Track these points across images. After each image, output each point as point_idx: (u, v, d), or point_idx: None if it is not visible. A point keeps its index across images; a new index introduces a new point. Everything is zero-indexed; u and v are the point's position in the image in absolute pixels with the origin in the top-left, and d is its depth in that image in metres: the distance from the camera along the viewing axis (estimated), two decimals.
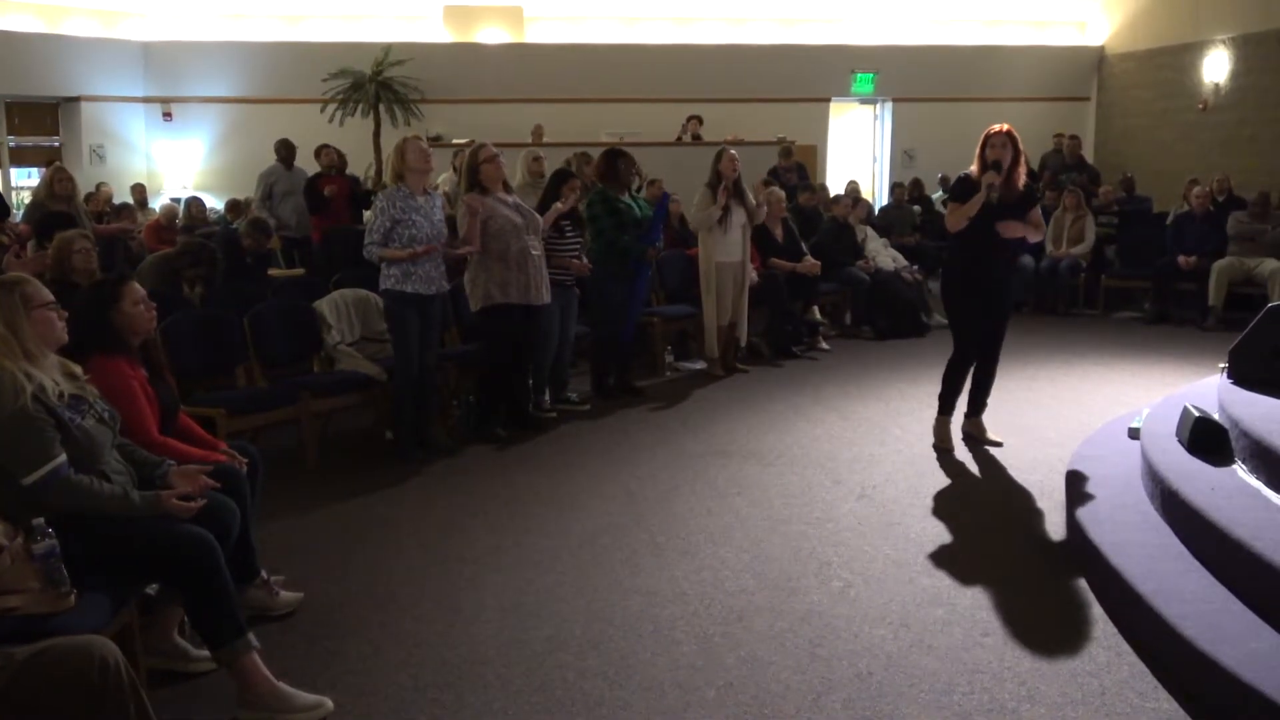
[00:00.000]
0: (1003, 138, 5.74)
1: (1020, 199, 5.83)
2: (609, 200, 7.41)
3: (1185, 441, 4.71)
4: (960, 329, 6.08)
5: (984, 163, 5.74)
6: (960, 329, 6.08)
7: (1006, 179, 5.73)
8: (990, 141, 5.76)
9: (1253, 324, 5.17)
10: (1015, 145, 5.77)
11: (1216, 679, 3.20)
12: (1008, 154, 5.73)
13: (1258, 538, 3.63)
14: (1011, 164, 5.75)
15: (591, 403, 7.43)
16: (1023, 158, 5.86)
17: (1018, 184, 5.82)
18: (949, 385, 6.14)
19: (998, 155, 5.72)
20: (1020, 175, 5.83)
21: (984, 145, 5.77)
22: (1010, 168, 5.74)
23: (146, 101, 14.64)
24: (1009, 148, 5.73)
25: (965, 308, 6.02)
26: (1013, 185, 5.78)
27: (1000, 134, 5.75)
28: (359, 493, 5.59)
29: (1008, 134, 5.75)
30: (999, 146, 5.72)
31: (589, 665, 3.66)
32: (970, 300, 5.97)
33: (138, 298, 3.90)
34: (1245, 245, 10.25)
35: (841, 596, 4.21)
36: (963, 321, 6.07)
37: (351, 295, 6.83)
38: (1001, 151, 5.72)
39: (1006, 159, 5.72)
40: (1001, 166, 5.70)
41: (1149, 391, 7.18)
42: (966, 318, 6.04)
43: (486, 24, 15.17)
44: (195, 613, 3.36)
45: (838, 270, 10.04)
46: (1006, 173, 5.72)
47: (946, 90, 15.70)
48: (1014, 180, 5.79)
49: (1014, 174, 5.78)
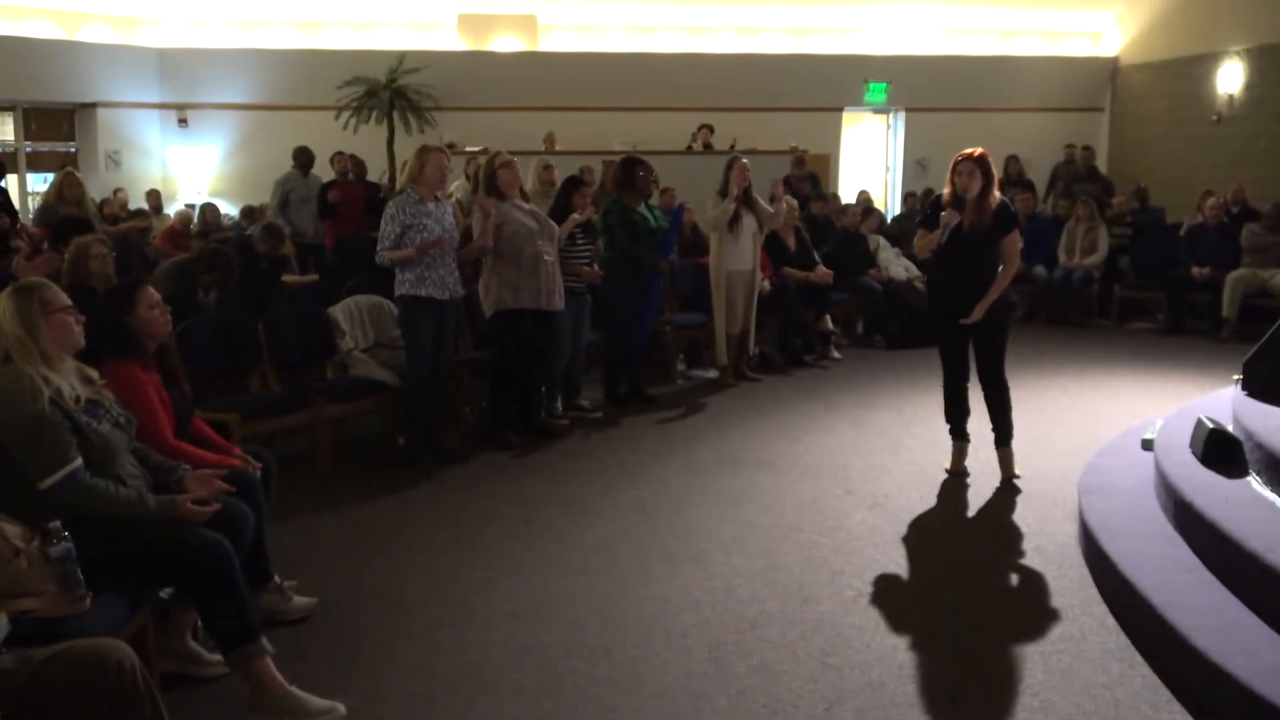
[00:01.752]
0: (970, 165, 5.43)
1: (992, 228, 5.49)
2: (624, 210, 7.43)
3: (1199, 453, 4.70)
4: (941, 350, 5.86)
5: (954, 189, 5.48)
6: (941, 350, 5.86)
7: (977, 206, 5.43)
8: (957, 169, 5.47)
9: (1268, 335, 5.16)
10: (986, 171, 5.44)
11: (1230, 692, 3.18)
12: (975, 182, 5.41)
13: (1272, 550, 3.62)
14: (982, 191, 5.43)
15: (604, 410, 7.44)
16: (995, 182, 5.52)
17: (988, 213, 5.47)
18: (945, 408, 5.91)
19: (964, 185, 5.43)
20: (992, 202, 5.49)
21: (952, 172, 5.49)
22: (981, 194, 5.43)
23: (162, 108, 14.72)
24: (976, 175, 5.41)
25: (942, 331, 5.81)
26: (983, 213, 5.45)
27: (967, 160, 5.45)
28: (372, 498, 5.60)
29: (977, 160, 5.44)
30: (965, 175, 5.43)
31: (601, 672, 3.66)
32: (945, 325, 5.72)
33: (152, 302, 3.93)
34: (1259, 256, 10.22)
35: (853, 605, 4.20)
36: (941, 344, 5.85)
37: (365, 301, 6.85)
38: (968, 180, 5.42)
39: (974, 188, 5.41)
40: (965, 200, 5.42)
41: (1162, 403, 7.16)
42: (943, 341, 5.83)
43: (501, 32, 15.21)
44: (208, 616, 3.36)
45: (850, 279, 10.04)
46: (977, 200, 5.42)
47: (960, 100, 15.68)
48: (984, 208, 5.45)
49: (984, 202, 5.45)
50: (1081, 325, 11.13)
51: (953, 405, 5.87)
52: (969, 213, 5.45)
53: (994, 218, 5.49)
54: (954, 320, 5.61)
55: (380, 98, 13.61)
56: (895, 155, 16.72)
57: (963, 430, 5.90)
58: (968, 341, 5.72)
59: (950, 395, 5.85)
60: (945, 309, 5.68)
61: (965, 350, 5.75)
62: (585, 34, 15.72)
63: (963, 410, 5.86)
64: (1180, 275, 10.63)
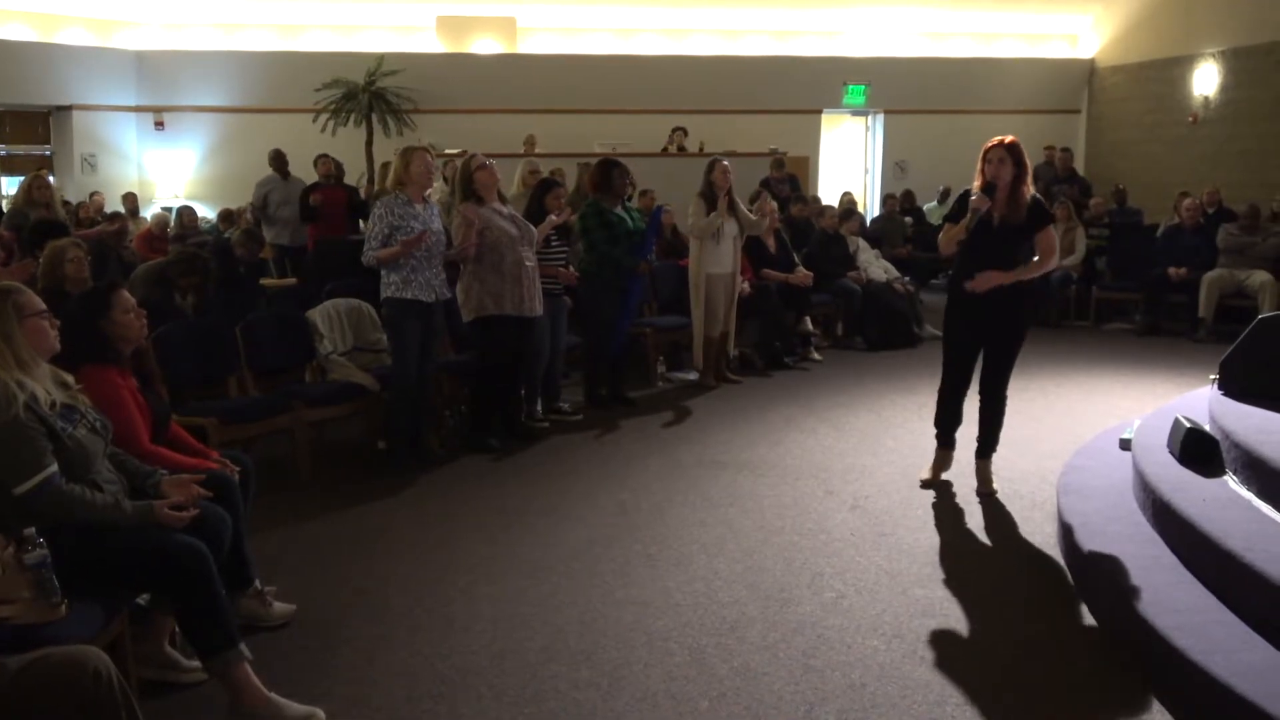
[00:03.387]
0: (1000, 151, 5.13)
1: (1027, 221, 5.19)
2: (602, 212, 7.42)
3: (1177, 453, 4.73)
4: (947, 354, 5.57)
5: (984, 179, 5.17)
6: (947, 354, 5.57)
7: (1010, 196, 5.14)
8: (987, 156, 5.16)
9: (1243, 336, 5.19)
10: (1018, 159, 5.14)
11: (1209, 690, 3.20)
12: (1006, 170, 5.11)
13: (1250, 549, 3.64)
14: (1015, 180, 5.14)
15: (584, 413, 7.43)
16: (1028, 172, 5.23)
17: (1023, 203, 5.18)
18: (938, 414, 5.63)
19: (994, 172, 5.11)
20: (1026, 192, 5.19)
21: (982, 160, 5.18)
22: (1014, 184, 5.14)
23: (139, 110, 14.65)
24: (1008, 163, 5.11)
25: (955, 334, 5.51)
26: (1017, 205, 5.16)
27: (998, 147, 5.15)
28: (352, 503, 5.58)
29: (1008, 147, 5.15)
30: (995, 162, 5.12)
31: (582, 676, 3.65)
32: (961, 326, 5.45)
33: (128, 306, 3.90)
34: (1235, 257, 10.30)
35: (834, 607, 4.21)
36: (950, 347, 5.55)
37: (344, 305, 6.82)
38: (999, 167, 5.11)
39: (1005, 176, 5.11)
40: (996, 186, 5.11)
41: (1140, 403, 7.20)
42: (953, 344, 5.52)
43: (480, 35, 15.20)
44: (187, 623, 3.34)
45: (830, 281, 10.06)
46: (1010, 189, 5.14)
47: (938, 102, 15.77)
48: (1019, 198, 5.16)
49: (1019, 191, 5.15)
50: (1060, 326, 11.19)
51: (947, 412, 5.59)
52: (1000, 204, 5.14)
53: (1028, 212, 5.19)
54: (971, 325, 5.37)
55: (359, 100, 13.59)
56: (874, 157, 16.79)
57: (952, 438, 5.66)
58: (979, 349, 5.43)
59: (946, 402, 5.57)
60: (965, 309, 5.38)
61: (973, 360, 5.47)
62: (565, 36, 15.72)
63: (957, 419, 5.60)
64: (1157, 276, 10.70)
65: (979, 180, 5.19)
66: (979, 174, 5.20)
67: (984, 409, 5.49)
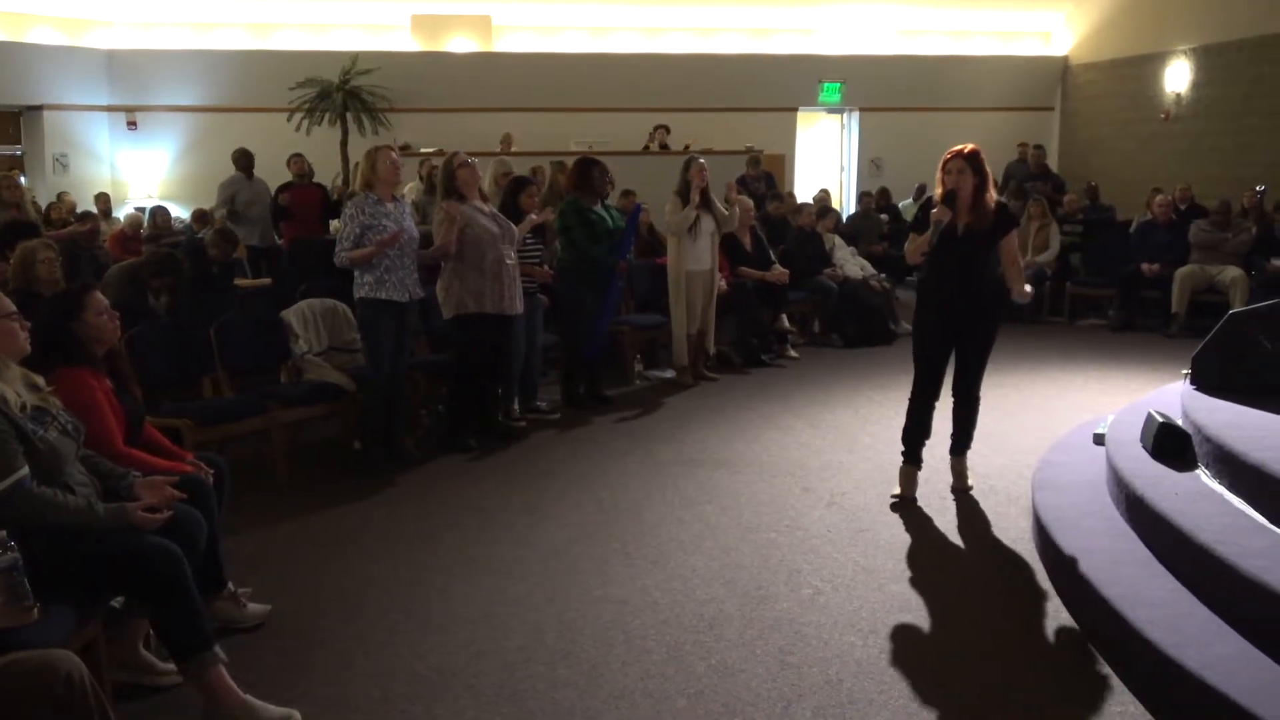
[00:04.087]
0: (959, 162, 5.06)
1: (992, 227, 5.15)
2: (581, 211, 7.41)
3: (1150, 447, 4.76)
4: (918, 362, 5.43)
5: (944, 189, 5.13)
6: (918, 362, 5.43)
7: (974, 205, 5.08)
8: (946, 167, 5.10)
9: (1215, 331, 5.24)
10: (978, 168, 5.08)
11: (1182, 683, 3.23)
12: (967, 180, 5.05)
13: (1221, 542, 3.67)
14: (977, 190, 5.08)
15: (561, 412, 7.42)
16: (989, 180, 5.16)
17: (988, 211, 5.12)
18: (907, 427, 5.46)
19: (955, 183, 5.06)
20: (990, 199, 5.14)
21: (942, 170, 5.13)
22: (976, 193, 5.08)
23: (111, 110, 14.53)
24: (968, 173, 5.05)
25: (927, 340, 5.40)
26: (983, 213, 5.11)
27: (957, 158, 5.08)
28: (327, 504, 5.55)
29: (967, 157, 5.07)
30: (955, 173, 5.06)
31: (560, 675, 3.65)
32: (935, 331, 5.36)
33: (101, 308, 3.87)
34: (1207, 253, 10.39)
35: (811, 604, 4.22)
36: (922, 354, 5.41)
37: (319, 305, 6.79)
38: (959, 178, 5.06)
39: (966, 186, 5.06)
40: (956, 196, 5.07)
41: (1114, 398, 7.25)
42: (926, 351, 5.40)
43: (455, 33, 15.15)
44: (161, 625, 3.32)
45: (806, 279, 10.09)
46: (973, 198, 5.08)
47: (913, 100, 15.82)
48: (983, 206, 5.10)
49: (982, 200, 5.10)
50: (1034, 322, 11.24)
51: (916, 425, 5.44)
52: (964, 212, 5.10)
53: (994, 219, 5.15)
54: (942, 331, 5.30)
55: (333, 99, 13.52)
56: (850, 155, 16.84)
57: (918, 455, 5.50)
58: (949, 354, 5.38)
59: (915, 413, 5.44)
60: (936, 318, 5.31)
61: (945, 365, 5.40)
62: (540, 35, 15.69)
63: (925, 432, 5.46)
64: (1131, 272, 10.78)
65: (940, 190, 5.15)
66: (939, 183, 5.16)
67: (957, 409, 5.47)
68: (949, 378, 5.47)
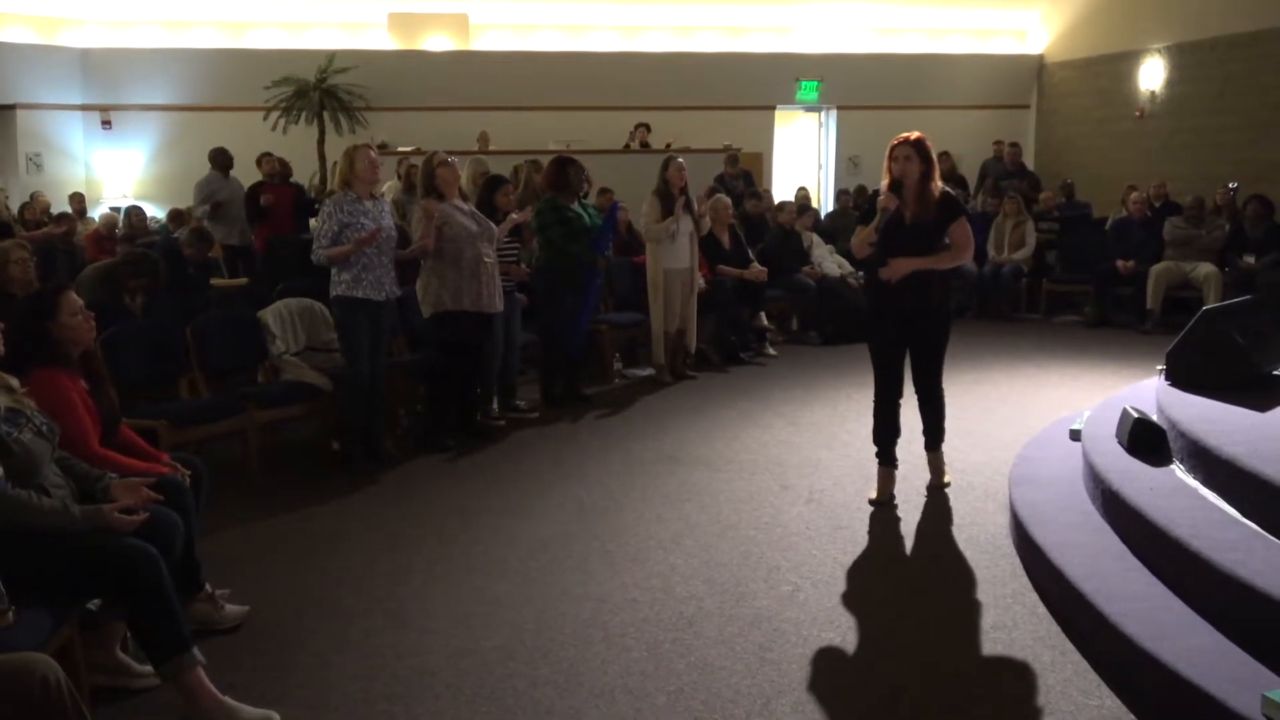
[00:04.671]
0: (906, 149, 5.04)
1: (938, 215, 5.09)
2: (559, 209, 7.41)
3: (1125, 443, 4.80)
4: (875, 360, 5.38)
5: (891, 176, 5.09)
6: (875, 360, 5.38)
7: (919, 194, 5.06)
8: (893, 154, 5.07)
9: (1189, 327, 5.28)
10: (925, 155, 5.04)
11: (1157, 675, 3.26)
12: (914, 167, 5.02)
13: (1195, 536, 3.71)
14: (921, 178, 5.05)
15: (540, 410, 7.42)
16: (935, 169, 5.12)
17: (931, 199, 5.08)
18: (875, 428, 5.41)
19: (901, 170, 5.04)
20: (935, 188, 5.09)
21: (889, 158, 5.09)
22: (921, 181, 5.05)
23: (85, 109, 14.41)
24: (914, 160, 5.02)
25: (878, 336, 5.36)
26: (926, 201, 5.07)
27: (904, 145, 5.05)
28: (305, 504, 5.54)
29: (914, 144, 5.05)
30: (902, 160, 5.04)
31: (540, 674, 3.65)
32: (883, 328, 5.31)
33: (75, 308, 3.85)
34: (1181, 250, 10.46)
35: (790, 600, 4.23)
36: (875, 355, 5.37)
37: (296, 305, 6.76)
38: (905, 165, 5.03)
39: (913, 173, 5.03)
40: (904, 185, 5.05)
41: (1090, 394, 7.30)
42: (878, 347, 5.36)
43: (432, 32, 15.10)
44: (139, 628, 3.30)
45: (784, 276, 10.11)
46: (918, 186, 5.05)
47: (890, 98, 15.85)
48: (927, 195, 5.07)
49: (926, 190, 5.06)
50: (1011, 319, 11.31)
51: (883, 425, 5.39)
52: (910, 202, 5.06)
53: (938, 207, 5.09)
54: (893, 327, 5.25)
55: (310, 98, 13.44)
56: (828, 153, 16.86)
57: (892, 455, 5.44)
58: (905, 351, 5.32)
59: (882, 414, 5.39)
60: (885, 312, 5.26)
61: (902, 362, 5.35)
62: (518, 34, 15.65)
63: (894, 431, 5.40)
64: (1106, 269, 10.86)
65: (886, 178, 5.11)
66: (886, 171, 5.12)
67: (922, 406, 5.44)
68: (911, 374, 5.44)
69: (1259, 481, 3.84)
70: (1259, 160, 12.05)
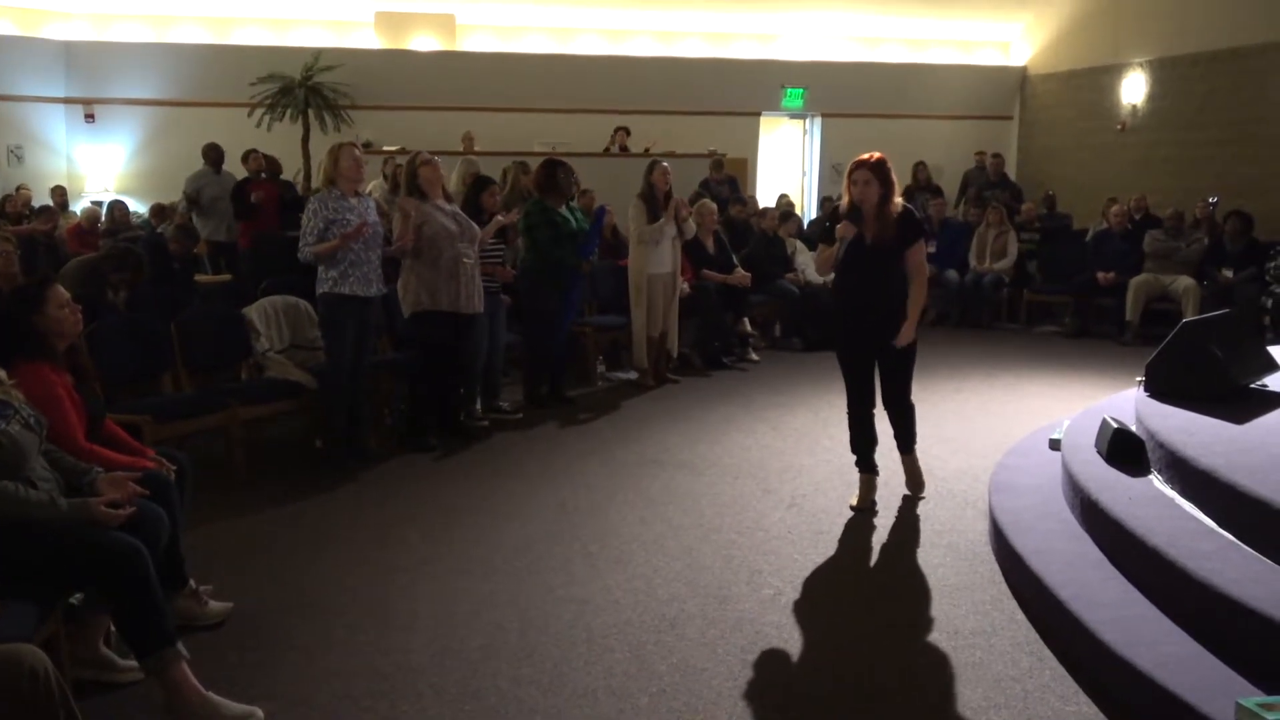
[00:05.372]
0: (865, 173, 4.98)
1: (898, 235, 5.05)
2: (546, 211, 7.42)
3: (1104, 452, 4.84)
4: (844, 374, 5.41)
5: (849, 200, 5.07)
6: (844, 374, 5.41)
7: (877, 217, 5.01)
8: (852, 177, 5.03)
9: (1168, 339, 5.33)
10: (883, 178, 5.00)
11: (1134, 682, 3.30)
12: (873, 190, 4.98)
13: (1172, 545, 3.75)
14: (880, 201, 5.00)
15: (524, 412, 7.43)
16: (895, 190, 5.08)
17: (890, 220, 5.03)
18: (851, 437, 5.45)
19: (860, 195, 5.00)
20: (893, 209, 5.04)
21: (848, 179, 5.06)
22: (879, 205, 5.01)
23: (68, 102, 14.33)
24: (873, 184, 4.98)
25: (846, 349, 5.38)
26: (885, 223, 5.02)
27: (863, 168, 5.00)
28: (289, 501, 5.54)
29: (873, 167, 4.99)
30: (860, 184, 4.99)
31: (522, 674, 3.66)
32: (850, 344, 5.34)
33: (62, 301, 3.84)
34: (1161, 262, 10.56)
35: (772, 604, 4.26)
36: (844, 366, 5.39)
37: (281, 302, 6.75)
38: (864, 189, 4.99)
39: (872, 198, 4.99)
40: (862, 212, 5.01)
41: (1069, 404, 7.36)
42: (847, 359, 5.38)
43: (418, 32, 15.09)
44: (123, 622, 3.30)
45: (768, 282, 10.15)
46: (876, 210, 5.00)
47: (875, 107, 15.94)
48: (886, 216, 5.02)
49: (884, 211, 5.01)
50: (991, 328, 11.40)
51: (859, 435, 5.42)
52: (869, 224, 5.03)
53: (896, 227, 5.05)
54: (860, 343, 5.27)
55: (295, 95, 13.41)
56: (811, 160, 16.93)
57: (871, 462, 5.46)
58: (874, 363, 5.32)
59: (856, 424, 5.42)
60: (851, 331, 5.28)
61: (872, 373, 5.35)
62: (504, 35, 15.67)
63: (870, 439, 5.42)
64: (1086, 280, 10.95)
65: (846, 198, 5.09)
66: (845, 191, 5.10)
67: (891, 419, 5.42)
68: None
69: (1235, 492, 3.88)
70: (1238, 174, 12.19)
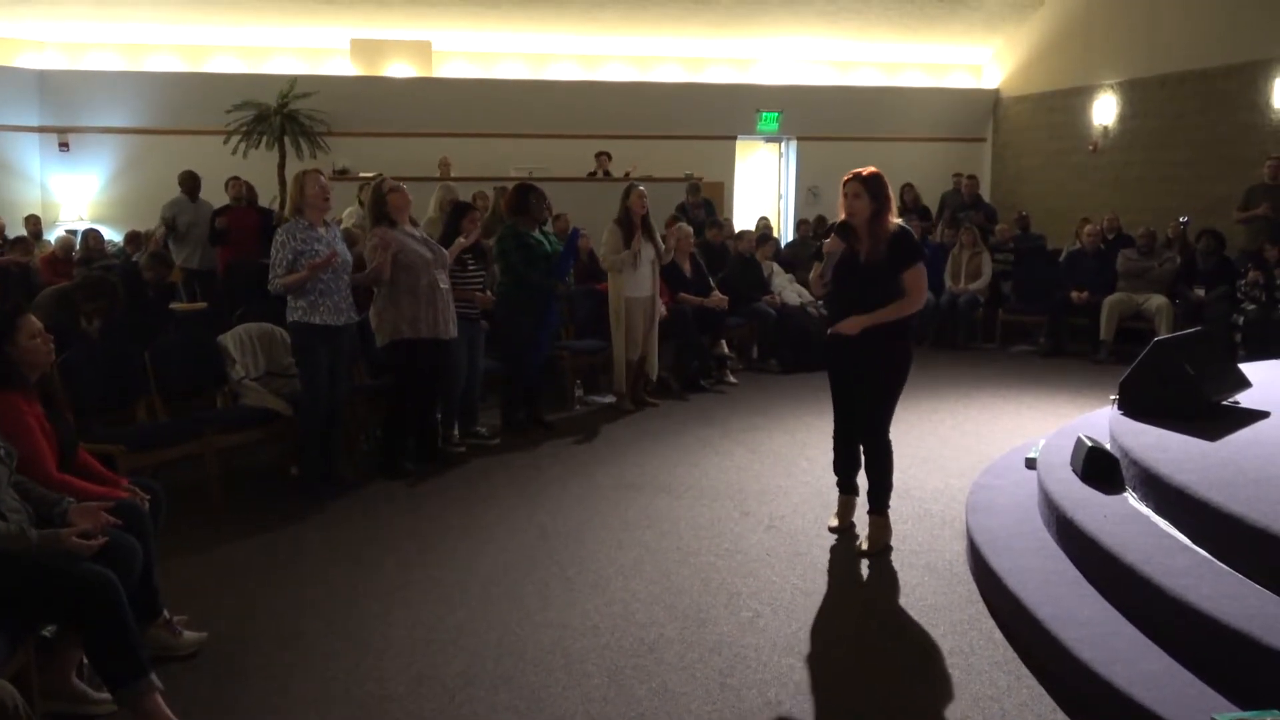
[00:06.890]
0: (855, 185, 4.84)
1: (889, 256, 4.83)
2: (520, 235, 7.43)
3: (1079, 471, 4.87)
4: (832, 393, 5.27)
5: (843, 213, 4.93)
6: (832, 393, 5.27)
7: (869, 233, 4.84)
8: (844, 190, 4.89)
9: (1141, 357, 5.37)
10: (875, 192, 4.83)
11: (1111, 699, 3.31)
12: (862, 204, 4.82)
13: (1147, 562, 3.78)
14: (873, 217, 4.83)
15: (501, 437, 7.41)
16: (889, 205, 4.87)
17: (882, 240, 4.83)
18: (835, 459, 5.36)
19: (849, 208, 4.86)
20: (887, 227, 4.84)
21: (842, 193, 4.92)
22: (872, 220, 4.84)
23: (42, 131, 14.28)
24: (863, 198, 4.82)
25: (832, 371, 5.24)
26: (876, 240, 4.84)
27: (854, 181, 4.86)
28: (264, 529, 5.50)
29: (864, 180, 4.84)
30: (850, 197, 4.85)
31: (500, 700, 3.65)
32: (838, 369, 5.18)
33: (34, 331, 3.82)
34: (1134, 281, 10.66)
35: (750, 626, 4.26)
36: (833, 389, 5.26)
37: (256, 329, 6.72)
38: (854, 202, 4.83)
39: (862, 211, 4.82)
40: (850, 226, 4.87)
41: (1044, 423, 7.40)
42: (834, 383, 5.24)
43: (394, 59, 15.12)
44: (96, 653, 3.27)
45: (745, 305, 10.18)
46: (868, 225, 4.84)
47: (850, 130, 16.05)
48: (878, 233, 4.84)
49: (877, 228, 4.83)
50: (967, 349, 11.45)
51: (843, 456, 5.33)
52: (862, 239, 4.88)
53: (889, 246, 4.84)
54: (848, 365, 5.06)
55: (271, 122, 13.40)
56: (787, 183, 17.03)
57: (852, 483, 5.39)
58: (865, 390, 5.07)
59: (840, 446, 5.32)
60: (838, 352, 5.07)
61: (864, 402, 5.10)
62: (479, 62, 15.72)
63: (854, 461, 5.30)
64: (1060, 299, 11.03)
65: (841, 214, 4.95)
66: (840, 206, 4.96)
67: (865, 453, 5.18)
68: None
69: (1208, 509, 3.91)
70: (1209, 194, 12.32)
